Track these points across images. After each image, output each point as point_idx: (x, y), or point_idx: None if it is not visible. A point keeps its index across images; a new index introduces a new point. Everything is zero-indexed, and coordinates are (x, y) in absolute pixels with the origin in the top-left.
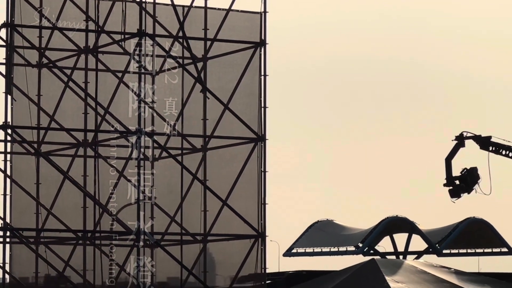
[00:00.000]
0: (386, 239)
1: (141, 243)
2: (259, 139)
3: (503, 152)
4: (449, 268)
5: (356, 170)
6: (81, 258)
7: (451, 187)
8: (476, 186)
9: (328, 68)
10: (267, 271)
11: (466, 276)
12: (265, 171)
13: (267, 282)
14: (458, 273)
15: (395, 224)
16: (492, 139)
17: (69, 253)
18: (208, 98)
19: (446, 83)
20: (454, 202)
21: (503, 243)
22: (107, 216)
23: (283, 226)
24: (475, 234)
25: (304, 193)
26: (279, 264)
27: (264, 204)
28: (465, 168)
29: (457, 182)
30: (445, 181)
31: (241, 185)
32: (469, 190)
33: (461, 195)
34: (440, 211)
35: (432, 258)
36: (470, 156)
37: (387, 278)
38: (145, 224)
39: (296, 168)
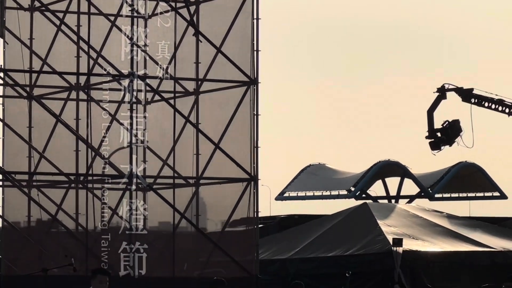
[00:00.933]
0: (378, 183)
1: (134, 187)
2: (252, 82)
3: (486, 104)
4: (441, 212)
5: (349, 114)
6: (74, 202)
7: (432, 140)
8: (458, 139)
9: (321, 12)
10: (259, 215)
11: (458, 220)
12: (257, 115)
13: (259, 226)
14: (450, 217)
15: (387, 168)
16: (474, 91)
17: (62, 197)
18: (201, 42)
19: (435, 36)
20: (434, 154)
21: (495, 187)
22: (100, 160)
23: (275, 170)
24: (467, 178)
25: (296, 137)
26: (271, 208)
27: (257, 147)
28: (447, 121)
29: (439, 134)
30: (427, 134)
31: (233, 128)
32: (450, 143)
33: (442, 147)
34: (432, 156)
35: (424, 202)
36: (455, 108)
37: (379, 222)
38: (138, 168)
39: (289, 112)
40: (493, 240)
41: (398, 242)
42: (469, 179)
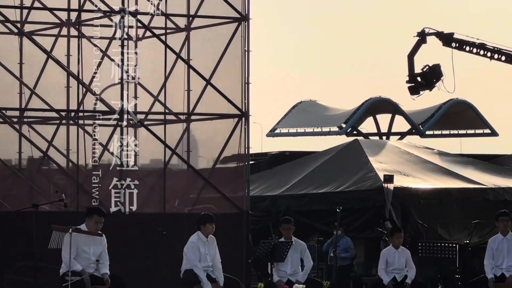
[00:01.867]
0: (369, 119)
1: (125, 123)
2: (243, 18)
3: (467, 48)
4: (432, 149)
5: (341, 51)
6: (65, 139)
7: (412, 84)
8: (439, 83)
9: None
10: (250, 151)
11: (449, 157)
12: (248, 51)
13: (250, 162)
14: (441, 154)
15: (379, 105)
16: (455, 36)
17: (52, 134)
18: None
19: None
20: (414, 99)
21: (486, 125)
22: (91, 96)
23: (266, 106)
24: (458, 115)
25: (288, 73)
26: (262, 145)
27: (248, 83)
28: (427, 65)
29: (419, 79)
30: (407, 78)
31: (224, 64)
32: (430, 87)
33: (421, 92)
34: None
35: (415, 139)
36: (438, 53)
37: (370, 158)
38: (129, 104)
39: (280, 48)
40: (484, 177)
41: (389, 178)
42: (460, 116)
